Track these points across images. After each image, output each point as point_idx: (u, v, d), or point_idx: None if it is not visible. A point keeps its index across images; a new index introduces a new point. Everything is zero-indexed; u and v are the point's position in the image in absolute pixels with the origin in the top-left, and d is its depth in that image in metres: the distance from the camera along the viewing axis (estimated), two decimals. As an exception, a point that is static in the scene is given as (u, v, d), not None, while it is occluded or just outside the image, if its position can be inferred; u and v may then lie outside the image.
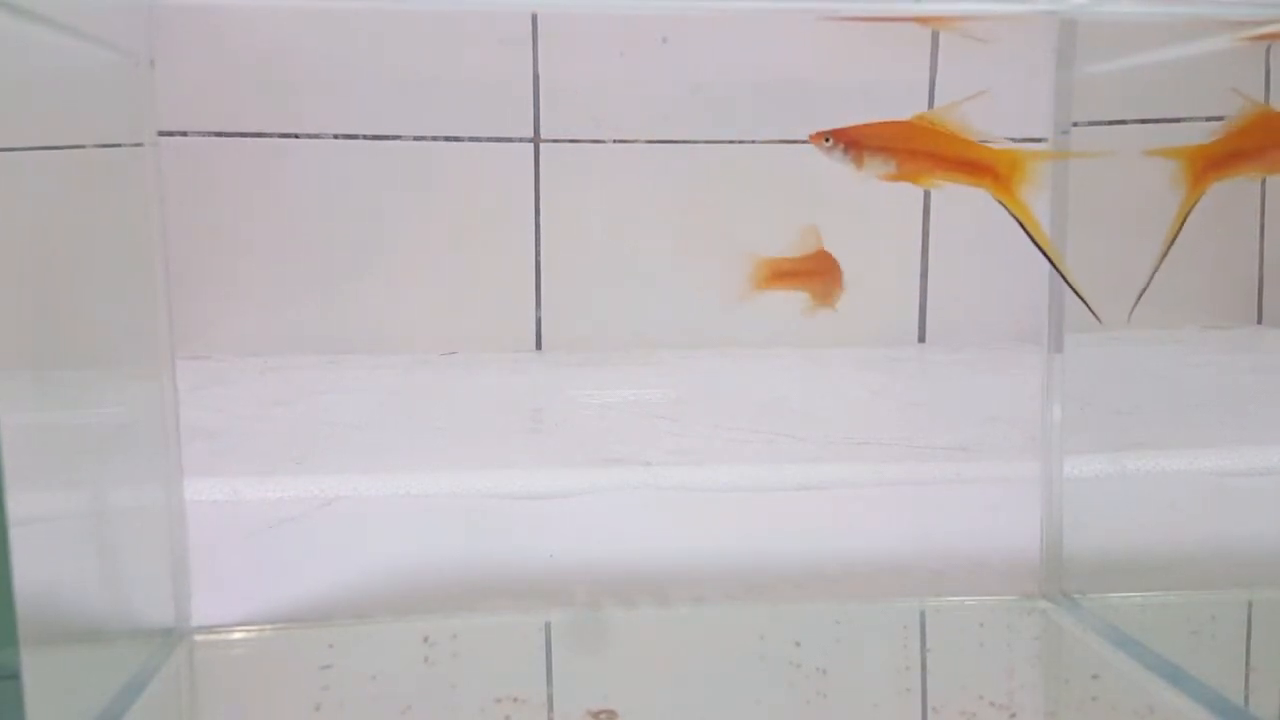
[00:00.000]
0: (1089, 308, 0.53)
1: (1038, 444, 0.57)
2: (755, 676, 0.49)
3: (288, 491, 0.68)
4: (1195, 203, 0.48)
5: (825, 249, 0.54)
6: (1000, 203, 0.47)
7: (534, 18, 1.14)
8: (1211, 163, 0.48)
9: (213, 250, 1.12)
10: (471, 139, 1.17)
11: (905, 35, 1.00)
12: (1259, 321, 1.29)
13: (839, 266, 0.54)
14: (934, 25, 0.48)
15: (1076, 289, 0.52)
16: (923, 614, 0.56)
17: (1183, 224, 0.49)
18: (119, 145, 0.47)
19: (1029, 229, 0.48)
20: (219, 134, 1.13)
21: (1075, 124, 0.54)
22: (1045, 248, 0.49)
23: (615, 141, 1.17)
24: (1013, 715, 0.44)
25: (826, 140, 0.47)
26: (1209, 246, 1.26)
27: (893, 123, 0.47)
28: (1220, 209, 1.27)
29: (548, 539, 0.64)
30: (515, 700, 0.45)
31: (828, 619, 0.55)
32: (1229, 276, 1.29)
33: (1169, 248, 0.49)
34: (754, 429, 0.84)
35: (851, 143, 0.47)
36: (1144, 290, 0.51)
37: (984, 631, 0.53)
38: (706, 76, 1.15)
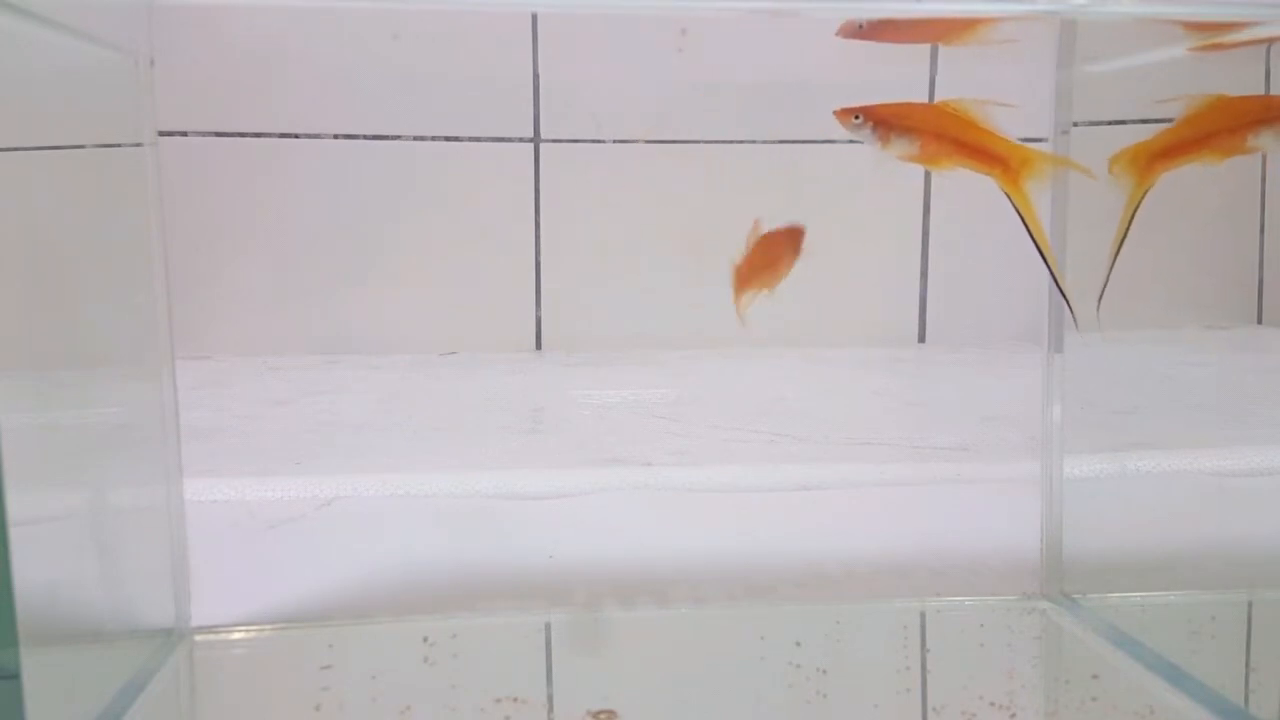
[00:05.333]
0: (1070, 309, 0.53)
1: (1038, 444, 0.57)
2: (755, 676, 0.49)
3: (287, 492, 0.68)
4: (1142, 197, 0.49)
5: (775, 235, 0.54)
6: (1006, 194, 0.48)
7: (534, 18, 1.14)
8: (1155, 156, 0.48)
9: (213, 250, 1.12)
10: (471, 139, 1.17)
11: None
12: (1259, 321, 1.30)
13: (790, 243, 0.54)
14: (951, 43, 0.49)
15: (1064, 289, 0.52)
16: (923, 614, 0.56)
17: (1131, 220, 0.49)
18: (119, 145, 0.47)
19: (1029, 224, 0.48)
20: (219, 134, 1.13)
21: (1075, 124, 0.54)
22: (1041, 244, 0.49)
23: (615, 141, 1.17)
24: (1013, 715, 0.44)
25: (856, 118, 0.48)
26: (1209, 246, 1.26)
27: (919, 105, 0.48)
28: (1221, 210, 1.27)
29: (548, 539, 0.64)
30: (515, 700, 0.45)
31: (828, 619, 0.55)
32: (1229, 276, 1.29)
33: (1120, 245, 0.50)
34: (754, 429, 0.84)
35: (880, 121, 0.47)
36: (1103, 289, 0.51)
37: (984, 631, 0.53)
38: (706, 76, 1.15)
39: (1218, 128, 0.48)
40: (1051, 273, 0.52)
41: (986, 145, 0.47)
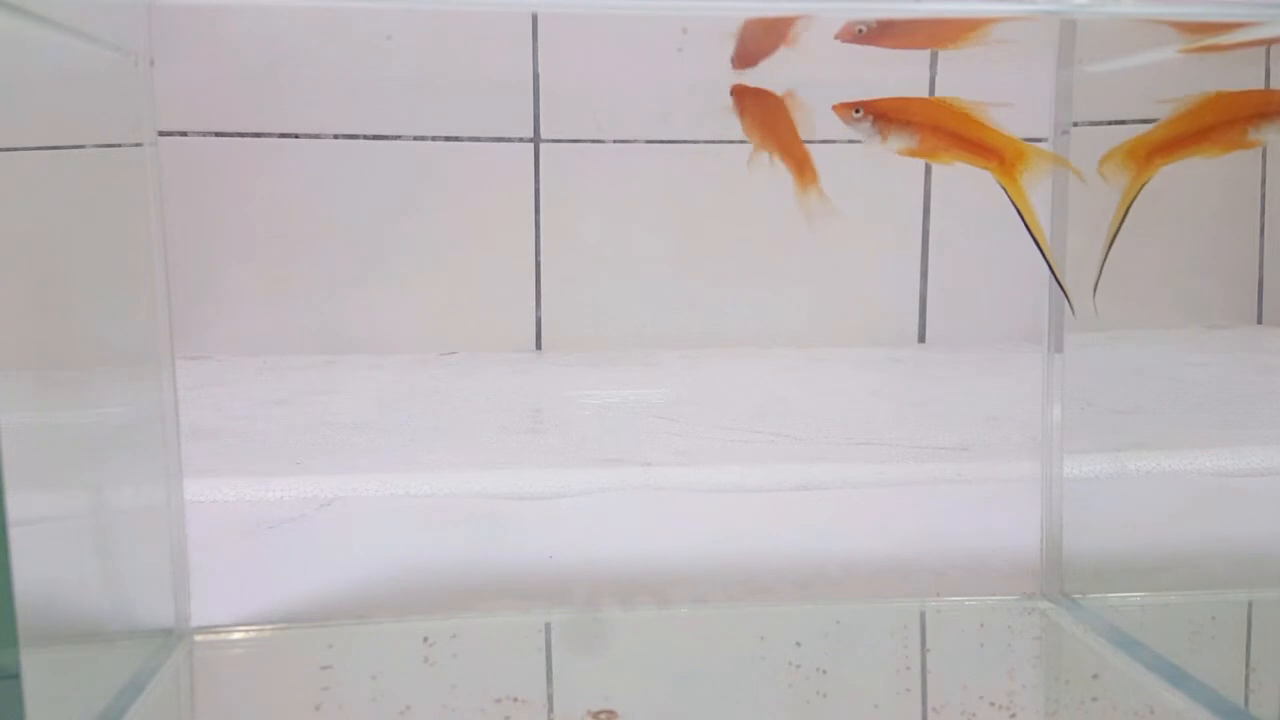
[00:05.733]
0: (1068, 299, 0.53)
1: (1038, 444, 0.57)
2: (755, 676, 0.49)
3: (287, 492, 0.68)
4: (1139, 190, 0.49)
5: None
6: (1001, 186, 0.48)
7: (534, 18, 1.14)
8: (1154, 149, 0.48)
9: (213, 250, 1.12)
10: (471, 139, 1.17)
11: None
12: (1259, 321, 1.30)
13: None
14: (948, 47, 0.49)
15: (1060, 280, 0.52)
16: (923, 614, 0.56)
17: (1127, 211, 0.49)
18: (119, 145, 0.47)
19: (1024, 215, 0.49)
20: (219, 134, 1.13)
21: (1075, 124, 0.54)
22: (1037, 236, 0.49)
23: (615, 141, 1.17)
24: (1013, 715, 0.44)
25: (856, 111, 0.48)
26: (1209, 246, 1.26)
27: (917, 99, 0.48)
28: (1220, 209, 1.27)
29: (547, 539, 0.64)
30: (515, 700, 0.45)
31: (828, 619, 0.55)
32: (1229, 276, 1.29)
33: (1115, 234, 0.50)
34: (754, 429, 0.84)
35: (880, 115, 0.48)
36: (1097, 281, 0.51)
37: (984, 631, 0.53)
38: (706, 76, 1.15)
39: (1217, 121, 0.48)
40: (1048, 263, 0.52)
41: (983, 139, 0.48)
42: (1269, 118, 0.47)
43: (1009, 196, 0.48)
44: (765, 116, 0.50)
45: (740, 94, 0.51)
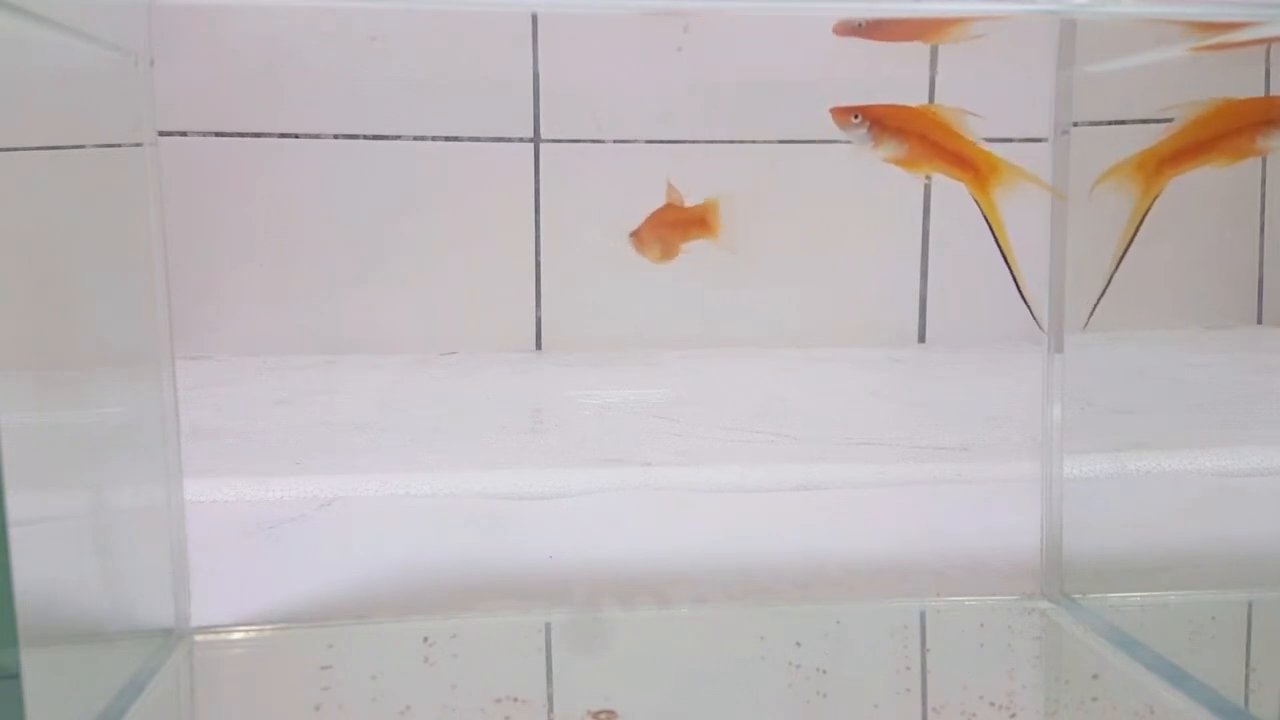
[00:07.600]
0: (1033, 314, 0.54)
1: (1038, 444, 0.57)
2: (755, 676, 0.49)
3: (287, 492, 0.68)
4: (1151, 203, 0.49)
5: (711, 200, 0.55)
6: (974, 198, 0.48)
7: (534, 18, 1.14)
8: (1164, 160, 0.49)
9: (213, 250, 1.12)
10: (471, 139, 1.17)
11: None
12: (1259, 321, 1.30)
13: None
14: (930, 40, 0.49)
15: (1024, 294, 0.52)
16: (923, 614, 0.56)
17: (1139, 226, 0.49)
18: (119, 145, 0.47)
19: (993, 226, 0.49)
20: (219, 134, 1.13)
21: (1075, 124, 0.54)
22: (1005, 249, 0.50)
23: (615, 141, 1.17)
24: (1013, 715, 0.44)
25: (855, 117, 0.48)
26: (1209, 247, 1.27)
27: (908, 107, 0.48)
28: (1221, 210, 1.27)
29: (547, 539, 0.64)
30: (515, 700, 0.45)
31: (828, 619, 0.55)
32: (1229, 276, 1.29)
33: (1125, 250, 0.50)
34: (754, 429, 0.84)
35: (876, 121, 0.48)
36: (1101, 295, 0.51)
37: (984, 631, 0.53)
38: (706, 76, 1.15)
39: (1225, 130, 0.48)
40: (1013, 274, 0.52)
41: (962, 150, 0.48)
42: (1277, 125, 0.47)
43: (980, 209, 0.49)
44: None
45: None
